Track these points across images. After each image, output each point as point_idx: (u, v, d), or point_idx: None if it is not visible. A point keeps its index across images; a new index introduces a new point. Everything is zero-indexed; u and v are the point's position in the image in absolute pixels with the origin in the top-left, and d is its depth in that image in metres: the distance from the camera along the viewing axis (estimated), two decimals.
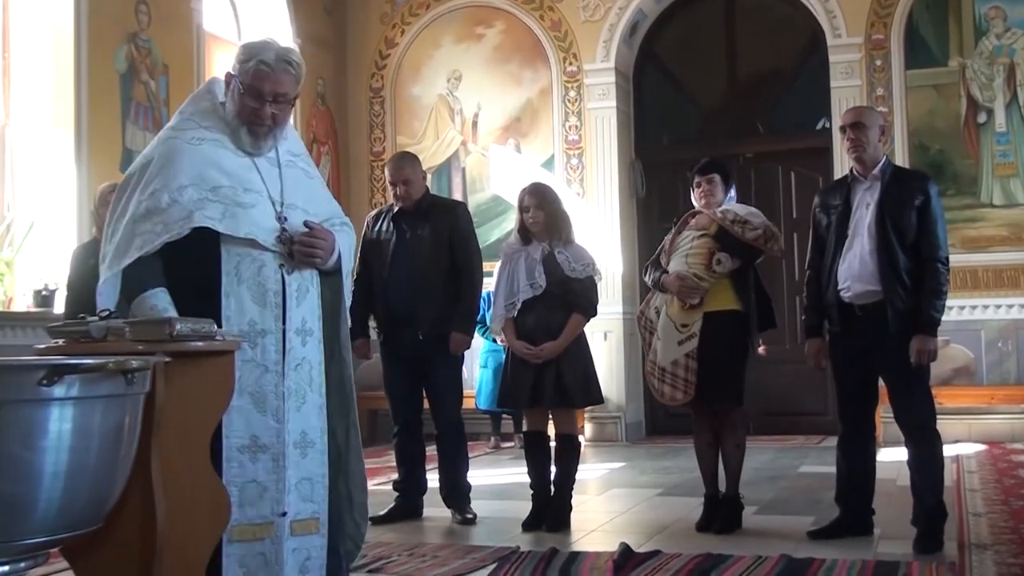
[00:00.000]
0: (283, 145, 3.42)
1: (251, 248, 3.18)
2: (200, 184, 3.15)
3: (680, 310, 5.64)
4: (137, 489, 2.45)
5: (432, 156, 10.96)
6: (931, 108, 9.88)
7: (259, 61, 3.23)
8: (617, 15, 10.79)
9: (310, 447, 3.21)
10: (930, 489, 5.08)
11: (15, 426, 1.97)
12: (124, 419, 2.19)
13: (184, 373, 2.58)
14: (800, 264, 9.62)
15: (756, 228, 5.61)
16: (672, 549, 5.13)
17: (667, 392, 5.66)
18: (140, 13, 8.75)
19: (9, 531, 1.99)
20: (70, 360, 2.07)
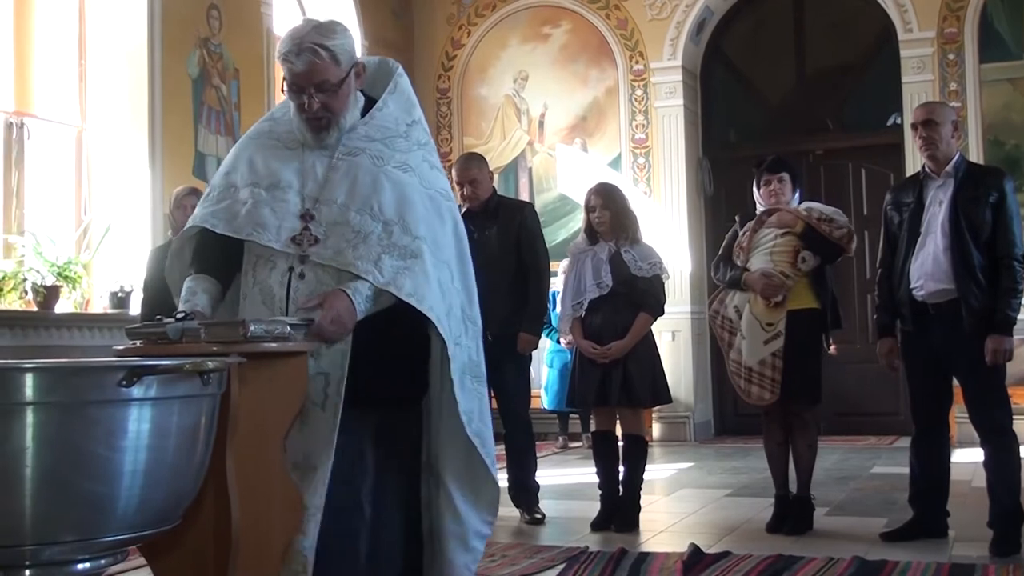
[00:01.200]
0: (364, 128, 3.09)
1: (264, 248, 2.97)
2: (234, 180, 3.06)
3: (765, 308, 5.59)
4: (213, 488, 2.45)
5: (499, 156, 10.99)
6: (1006, 102, 9.74)
7: (281, 54, 3.01)
8: (684, 12, 10.75)
9: (310, 472, 2.88)
10: (1007, 490, 5.01)
11: (96, 426, 1.98)
12: (200, 419, 2.20)
13: (258, 374, 2.57)
14: (871, 263, 9.53)
15: (842, 227, 5.59)
16: (742, 550, 5.11)
17: (755, 392, 5.61)
18: (212, 18, 8.86)
19: (90, 529, 2.00)
20: (148, 362, 2.09)
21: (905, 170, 9.29)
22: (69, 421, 1.96)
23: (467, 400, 3.05)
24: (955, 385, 5.23)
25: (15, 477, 1.92)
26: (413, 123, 3.19)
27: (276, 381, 2.67)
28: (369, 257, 2.88)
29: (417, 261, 2.92)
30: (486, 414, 3.15)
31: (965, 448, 5.66)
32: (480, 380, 3.14)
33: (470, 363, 3.09)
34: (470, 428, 3.05)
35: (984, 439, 5.08)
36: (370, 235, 2.91)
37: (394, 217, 2.95)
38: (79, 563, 2.05)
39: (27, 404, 1.92)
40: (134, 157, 8.19)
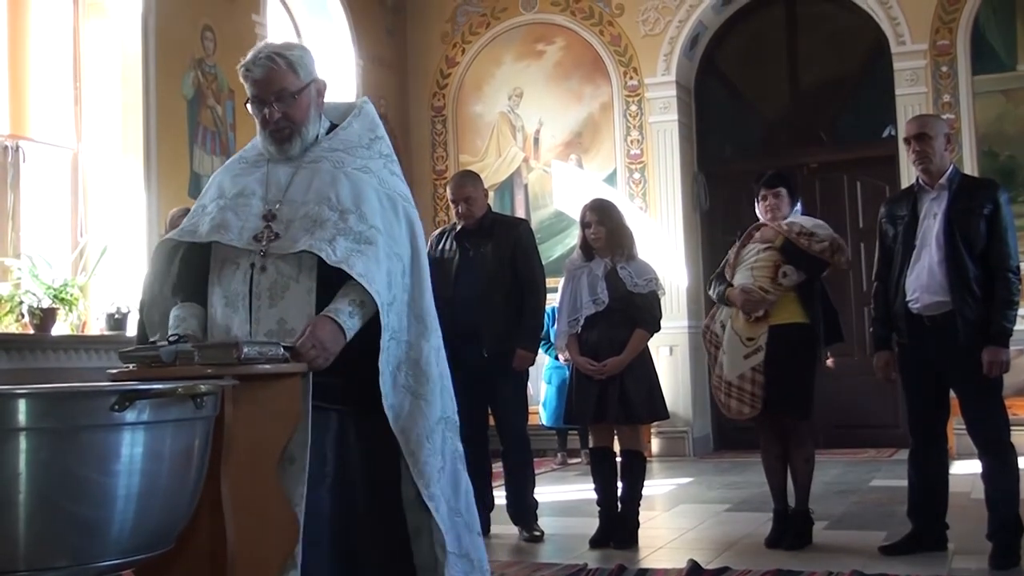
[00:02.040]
0: (328, 142, 3.17)
1: (230, 250, 3.03)
2: (204, 203, 3.13)
3: (746, 323, 5.61)
4: (207, 511, 2.45)
5: (494, 173, 11.00)
6: (1000, 114, 9.77)
7: (240, 68, 3.12)
8: (677, 28, 10.78)
9: (288, 463, 2.84)
10: (1005, 503, 5.01)
11: (89, 451, 1.98)
12: (194, 442, 2.20)
13: (252, 396, 2.58)
14: (867, 276, 9.51)
15: (822, 240, 5.58)
16: (741, 566, 5.11)
17: (734, 406, 5.63)
18: (206, 40, 8.88)
19: (84, 554, 2.00)
20: (140, 386, 2.09)
21: (900, 182, 9.30)
22: (62, 446, 1.96)
23: (396, 395, 3.02)
24: (952, 397, 5.23)
25: (8, 502, 1.92)
26: (376, 138, 3.26)
27: (270, 403, 2.68)
28: (324, 238, 2.92)
29: (371, 247, 2.96)
30: (420, 416, 3.08)
31: (963, 460, 5.66)
32: (419, 380, 3.09)
33: (407, 360, 3.07)
34: (395, 423, 3.01)
35: (982, 451, 5.07)
36: (326, 221, 2.96)
37: (351, 207, 3.00)
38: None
39: (20, 430, 1.93)
40: (130, 178, 8.20)
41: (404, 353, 3.06)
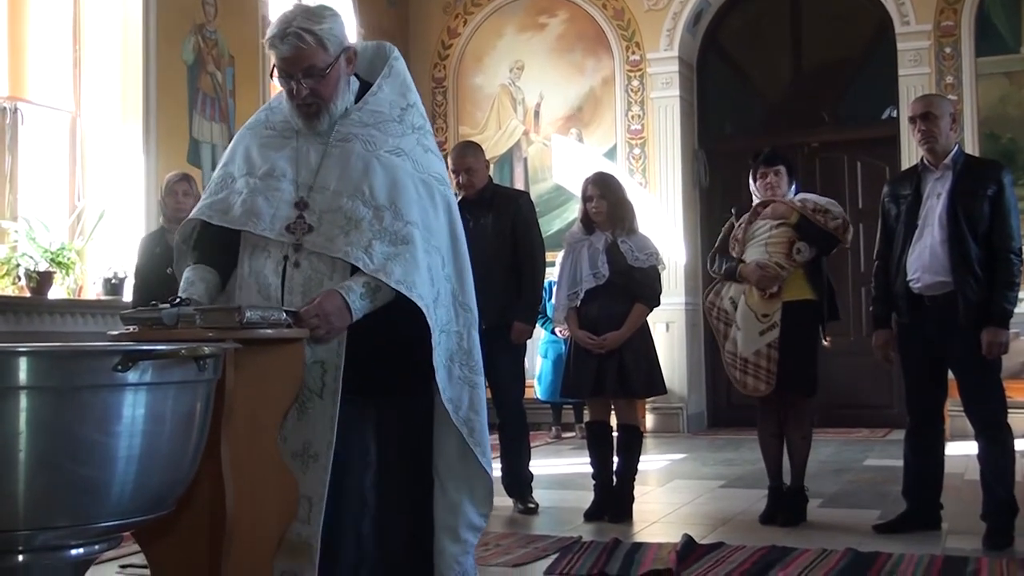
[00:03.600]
0: (357, 113, 3.06)
1: (261, 237, 2.96)
2: (231, 171, 3.06)
3: (760, 299, 5.59)
4: (207, 475, 2.45)
5: (494, 146, 10.97)
6: (1002, 96, 9.76)
7: (268, 39, 2.97)
8: (681, 3, 10.74)
9: (312, 460, 2.86)
10: (1000, 484, 5.03)
11: (90, 411, 1.98)
12: (195, 405, 2.20)
13: (254, 361, 2.57)
14: (866, 255, 9.53)
15: (837, 218, 5.59)
16: (735, 541, 5.11)
17: (750, 383, 5.61)
18: (207, 5, 8.84)
19: (84, 514, 2.00)
20: (144, 346, 2.08)
21: (901, 163, 9.29)
22: (63, 406, 1.96)
23: (453, 388, 3.02)
24: (950, 378, 5.23)
25: (8, 462, 1.92)
26: (408, 107, 3.15)
27: (272, 368, 2.67)
28: (360, 243, 2.86)
29: (408, 247, 2.89)
30: (478, 403, 3.10)
31: (959, 441, 5.67)
32: (473, 369, 3.09)
33: (459, 350, 3.06)
34: (457, 416, 3.01)
35: (978, 432, 5.08)
36: (361, 221, 2.89)
37: (385, 202, 2.92)
38: (72, 548, 2.05)
39: (21, 388, 1.92)
40: (128, 143, 8.18)
41: (456, 344, 3.03)
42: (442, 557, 3.08)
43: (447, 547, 3.08)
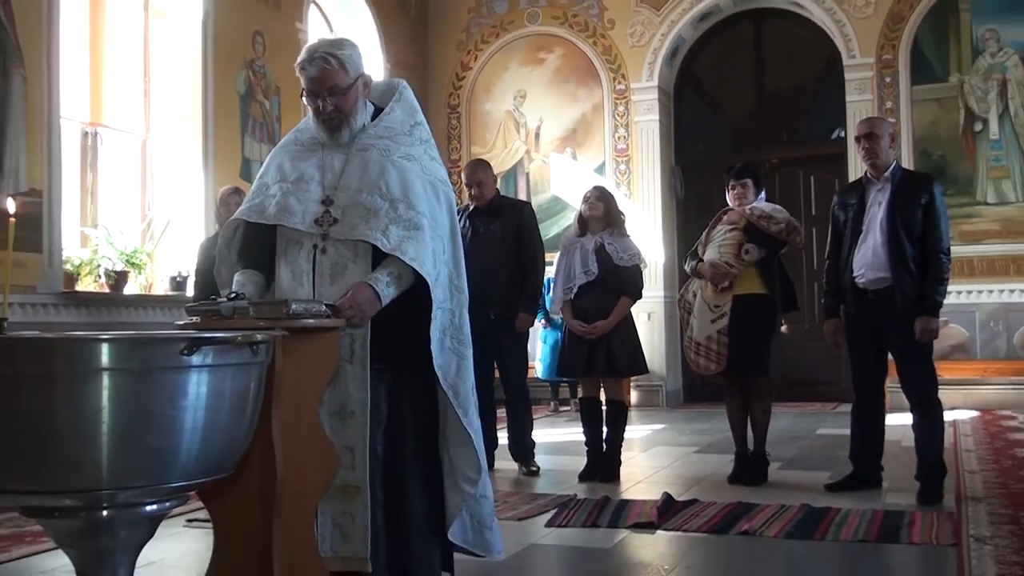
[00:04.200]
0: (373, 129, 3.08)
1: (293, 231, 2.98)
2: (266, 181, 3.07)
3: (713, 293, 5.63)
4: (260, 443, 2.45)
5: (501, 163, 10.96)
6: (934, 119, 9.75)
7: (298, 64, 3.02)
8: (660, 40, 10.74)
9: (350, 417, 2.90)
10: (932, 449, 5.04)
11: (162, 389, 1.98)
12: (250, 384, 2.19)
13: (298, 346, 2.57)
14: (819, 255, 9.53)
15: (779, 223, 5.59)
16: (707, 498, 5.14)
17: (702, 363, 5.65)
18: (256, 43, 8.85)
19: (158, 476, 2.00)
20: (206, 334, 2.08)
21: (848, 176, 9.26)
22: (139, 385, 1.96)
23: (443, 356, 3.01)
24: (889, 359, 5.24)
25: (94, 433, 1.91)
26: (416, 124, 3.18)
27: (313, 352, 2.67)
28: (378, 228, 2.88)
29: (419, 232, 2.91)
30: (465, 372, 3.10)
31: (896, 413, 5.66)
32: (463, 343, 3.10)
33: (451, 325, 3.06)
34: (445, 381, 3.01)
35: (913, 406, 5.09)
36: (379, 211, 2.91)
37: (399, 196, 2.94)
38: (147, 505, 2.05)
39: (104, 370, 1.92)
40: (190, 162, 8.20)
41: (449, 320, 3.04)
42: (447, 505, 3.10)
43: (450, 496, 3.10)
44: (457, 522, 3.10)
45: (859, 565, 3.89)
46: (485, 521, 3.15)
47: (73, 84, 7.30)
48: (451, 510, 3.09)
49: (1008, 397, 9.25)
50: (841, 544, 4.18)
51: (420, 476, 3.09)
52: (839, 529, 4.39)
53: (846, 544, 4.18)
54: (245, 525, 2.61)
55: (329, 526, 2.89)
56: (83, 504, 1.99)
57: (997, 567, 3.67)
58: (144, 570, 2.17)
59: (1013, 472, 5.77)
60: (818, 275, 9.27)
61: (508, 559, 3.99)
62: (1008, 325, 9.43)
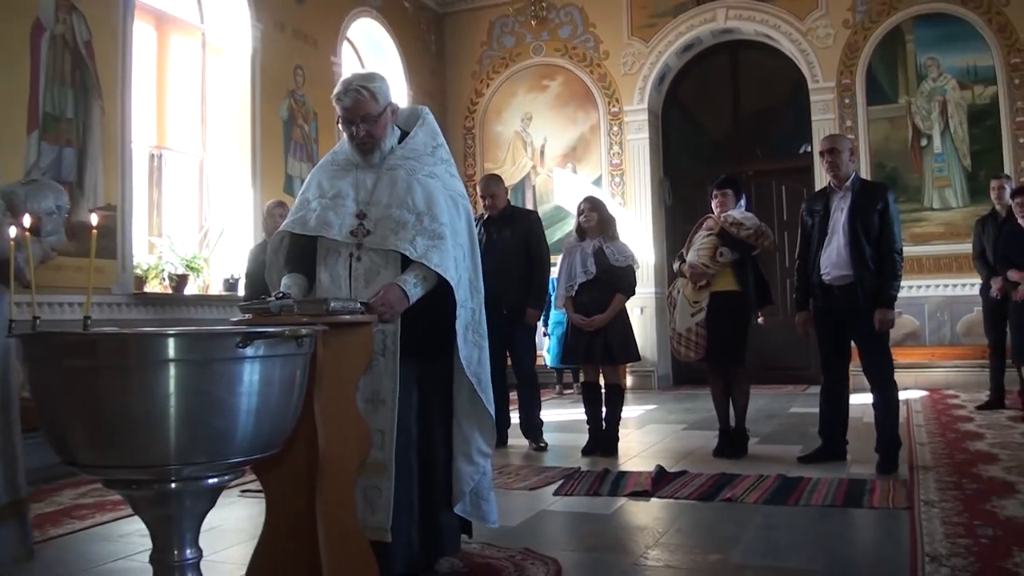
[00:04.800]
0: (401, 151, 3.10)
1: (332, 242, 2.99)
2: (307, 197, 3.09)
3: (693, 290, 5.63)
4: (304, 424, 2.46)
5: (510, 177, 10.95)
6: (886, 135, 9.74)
7: (334, 96, 3.04)
8: (649, 69, 10.72)
9: (381, 404, 2.92)
10: (889, 425, 5.04)
11: (220, 377, 2.00)
12: (295, 373, 2.20)
13: (337, 339, 2.58)
14: (790, 255, 9.51)
15: (748, 229, 5.58)
16: (695, 470, 5.14)
17: (683, 352, 5.65)
18: (297, 75, 8.88)
19: (217, 453, 2.02)
20: (258, 329, 2.10)
21: (814, 186, 9.25)
22: (201, 374, 1.98)
23: (467, 348, 3.04)
24: (852, 347, 5.23)
25: (163, 415, 1.94)
26: (437, 146, 3.19)
27: (350, 344, 2.68)
28: (406, 239, 2.90)
29: (442, 241, 2.93)
30: (485, 361, 3.12)
31: (858, 394, 5.65)
32: (482, 336, 3.12)
33: (472, 321, 3.08)
34: (469, 369, 3.03)
35: (873, 386, 5.08)
36: (407, 223, 2.93)
37: (424, 209, 2.96)
38: (209, 478, 2.07)
39: (170, 361, 1.94)
40: (240, 179, 8.23)
41: (470, 317, 3.06)
42: (460, 476, 3.11)
43: (463, 468, 3.11)
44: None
45: (827, 527, 3.89)
46: (483, 494, 3.18)
47: (142, 112, 7.34)
48: (462, 483, 3.11)
49: (952, 378, 9.24)
50: (812, 508, 4.18)
51: (444, 453, 3.12)
52: (810, 496, 4.39)
53: (816, 508, 4.18)
54: (293, 495, 2.63)
55: (360, 499, 2.91)
56: (155, 477, 2.01)
57: (944, 527, 3.68)
58: (206, 534, 2.19)
59: (957, 444, 5.75)
60: (790, 273, 9.23)
61: (521, 524, 4.00)
62: (952, 315, 9.43)
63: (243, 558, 3.42)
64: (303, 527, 2.59)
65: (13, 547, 3.19)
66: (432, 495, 3.08)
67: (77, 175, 6.34)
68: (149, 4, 7.52)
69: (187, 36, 8.07)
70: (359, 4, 9.99)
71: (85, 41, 6.51)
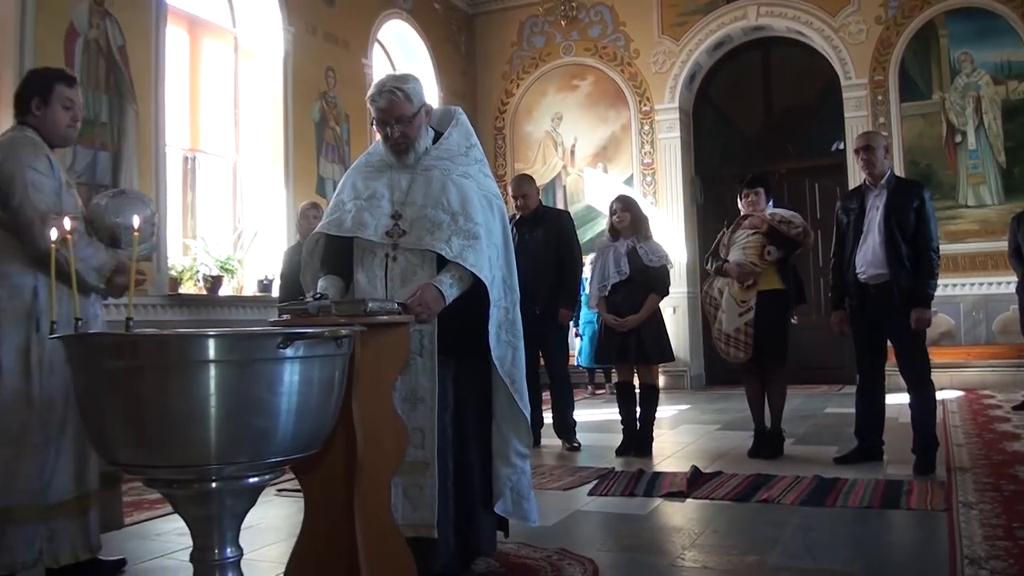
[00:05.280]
0: (435, 151, 3.09)
1: (368, 242, 2.99)
2: (343, 198, 3.09)
3: (740, 289, 5.58)
4: (343, 424, 2.46)
5: (541, 177, 10.93)
6: (920, 132, 9.63)
7: (369, 97, 3.05)
8: (680, 67, 10.68)
9: (420, 403, 2.91)
10: (925, 425, 4.99)
11: (261, 377, 2.00)
12: (334, 373, 2.21)
13: (374, 339, 2.58)
14: (823, 254, 9.46)
15: (797, 227, 5.55)
16: (730, 470, 5.11)
17: (732, 352, 5.59)
18: (328, 78, 8.92)
19: (259, 452, 2.03)
20: (299, 330, 2.10)
21: (847, 184, 9.17)
22: (241, 374, 1.98)
23: (500, 348, 3.02)
24: (888, 346, 5.17)
25: (204, 415, 1.94)
26: (471, 146, 3.19)
27: (387, 344, 2.68)
28: (442, 239, 2.90)
29: (476, 241, 2.92)
30: (519, 361, 3.09)
31: (894, 394, 5.58)
32: (516, 335, 3.09)
33: (506, 320, 3.06)
34: (502, 370, 3.02)
35: (910, 386, 5.03)
36: (442, 224, 2.92)
37: (459, 209, 2.95)
38: (250, 477, 2.07)
39: (211, 362, 1.95)
40: (273, 181, 8.28)
41: (504, 316, 3.04)
42: (498, 477, 3.10)
43: (501, 470, 3.10)
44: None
45: (865, 529, 3.85)
46: (523, 493, 3.16)
47: (175, 116, 7.40)
48: (500, 482, 3.10)
49: (988, 378, 9.13)
50: (849, 510, 4.14)
51: (479, 453, 3.11)
52: (847, 497, 4.35)
53: (853, 510, 4.13)
54: (331, 494, 2.64)
55: (401, 497, 2.91)
56: (195, 477, 2.02)
57: (983, 529, 3.63)
58: (244, 532, 2.20)
59: (994, 445, 5.68)
60: (823, 272, 9.19)
61: (556, 524, 4.00)
62: (988, 314, 9.32)
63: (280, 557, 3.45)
64: (341, 526, 2.60)
65: (75, 541, 3.20)
66: (469, 495, 3.08)
67: (112, 178, 6.41)
68: (182, 8, 7.59)
69: (219, 40, 8.13)
70: (389, 6, 10.03)
71: (119, 46, 6.59)
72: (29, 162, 3.17)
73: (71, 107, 3.35)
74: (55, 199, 3.22)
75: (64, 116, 3.34)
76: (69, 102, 3.34)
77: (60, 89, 3.32)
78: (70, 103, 3.35)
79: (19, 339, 3.12)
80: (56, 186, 3.25)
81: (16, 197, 3.14)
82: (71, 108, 3.35)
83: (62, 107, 3.32)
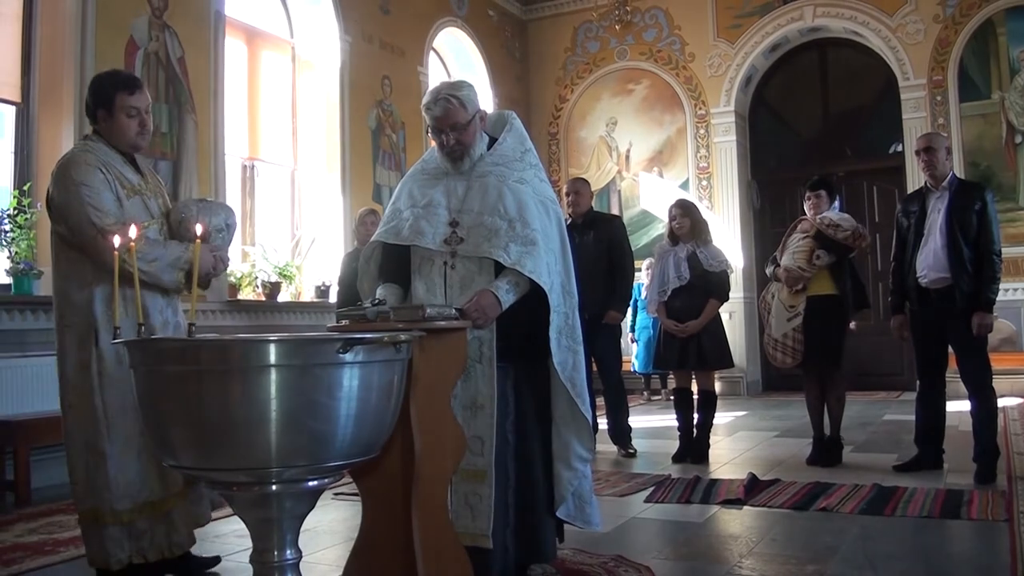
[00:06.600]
0: (490, 157, 3.08)
1: (426, 250, 2.98)
2: (399, 206, 3.09)
3: (789, 295, 5.52)
4: (401, 429, 2.47)
5: (595, 182, 10.92)
6: (979, 132, 9.44)
7: (424, 105, 3.04)
8: (735, 70, 10.60)
9: (480, 410, 2.90)
10: (987, 434, 4.88)
11: (321, 382, 2.01)
12: (393, 378, 2.20)
13: (432, 345, 2.58)
14: (882, 258, 9.30)
15: (845, 231, 5.46)
16: (788, 478, 5.05)
17: (779, 358, 5.54)
18: (384, 86, 9.01)
19: (319, 457, 2.04)
20: (358, 335, 2.10)
21: (906, 187, 9.03)
22: (302, 378, 1.99)
23: (560, 353, 3.00)
24: (949, 351, 5.07)
25: (264, 419, 1.95)
26: (526, 151, 3.17)
27: (445, 349, 2.68)
28: (500, 245, 2.88)
29: (534, 247, 2.90)
30: (580, 366, 3.07)
31: (954, 401, 5.46)
32: (576, 340, 3.07)
33: (566, 326, 3.05)
34: (563, 375, 3.00)
35: (971, 393, 4.93)
36: (499, 230, 2.91)
37: (516, 216, 2.93)
38: (309, 481, 2.08)
39: (272, 367, 1.96)
40: (331, 188, 8.38)
41: (563, 322, 3.02)
42: (559, 481, 3.08)
43: (563, 473, 3.08)
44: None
45: (925, 539, 3.77)
46: (586, 497, 3.15)
47: (234, 125, 7.53)
48: (562, 488, 3.08)
49: None
50: (909, 520, 4.06)
51: (542, 459, 3.10)
52: (907, 506, 4.27)
53: (913, 520, 4.06)
54: (390, 499, 2.65)
55: (462, 505, 2.92)
56: (256, 479, 2.03)
57: None
58: (302, 535, 2.22)
59: None
60: (883, 276, 9.04)
61: (612, 531, 3.98)
62: None
63: (337, 559, 3.49)
64: (399, 531, 2.61)
65: (159, 541, 3.28)
66: (530, 501, 3.07)
67: (172, 187, 6.54)
68: (240, 21, 7.73)
69: (277, 51, 8.26)
70: (444, 14, 10.10)
71: (178, 57, 6.72)
72: (80, 180, 3.18)
73: (136, 114, 3.33)
74: (117, 209, 3.23)
75: (130, 124, 3.32)
76: (133, 110, 3.32)
77: (121, 99, 3.30)
78: (134, 111, 3.32)
79: (83, 354, 3.20)
80: (117, 196, 3.27)
81: (73, 217, 3.18)
82: (136, 115, 3.33)
83: (126, 116, 3.31)
